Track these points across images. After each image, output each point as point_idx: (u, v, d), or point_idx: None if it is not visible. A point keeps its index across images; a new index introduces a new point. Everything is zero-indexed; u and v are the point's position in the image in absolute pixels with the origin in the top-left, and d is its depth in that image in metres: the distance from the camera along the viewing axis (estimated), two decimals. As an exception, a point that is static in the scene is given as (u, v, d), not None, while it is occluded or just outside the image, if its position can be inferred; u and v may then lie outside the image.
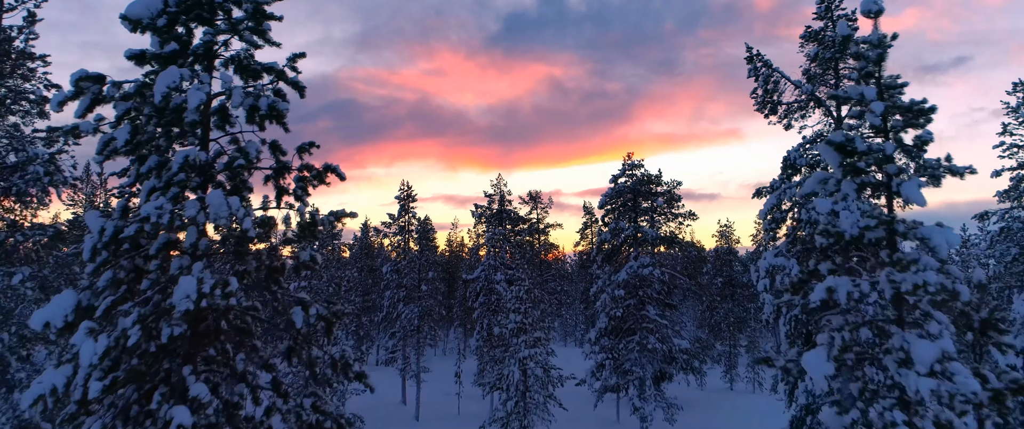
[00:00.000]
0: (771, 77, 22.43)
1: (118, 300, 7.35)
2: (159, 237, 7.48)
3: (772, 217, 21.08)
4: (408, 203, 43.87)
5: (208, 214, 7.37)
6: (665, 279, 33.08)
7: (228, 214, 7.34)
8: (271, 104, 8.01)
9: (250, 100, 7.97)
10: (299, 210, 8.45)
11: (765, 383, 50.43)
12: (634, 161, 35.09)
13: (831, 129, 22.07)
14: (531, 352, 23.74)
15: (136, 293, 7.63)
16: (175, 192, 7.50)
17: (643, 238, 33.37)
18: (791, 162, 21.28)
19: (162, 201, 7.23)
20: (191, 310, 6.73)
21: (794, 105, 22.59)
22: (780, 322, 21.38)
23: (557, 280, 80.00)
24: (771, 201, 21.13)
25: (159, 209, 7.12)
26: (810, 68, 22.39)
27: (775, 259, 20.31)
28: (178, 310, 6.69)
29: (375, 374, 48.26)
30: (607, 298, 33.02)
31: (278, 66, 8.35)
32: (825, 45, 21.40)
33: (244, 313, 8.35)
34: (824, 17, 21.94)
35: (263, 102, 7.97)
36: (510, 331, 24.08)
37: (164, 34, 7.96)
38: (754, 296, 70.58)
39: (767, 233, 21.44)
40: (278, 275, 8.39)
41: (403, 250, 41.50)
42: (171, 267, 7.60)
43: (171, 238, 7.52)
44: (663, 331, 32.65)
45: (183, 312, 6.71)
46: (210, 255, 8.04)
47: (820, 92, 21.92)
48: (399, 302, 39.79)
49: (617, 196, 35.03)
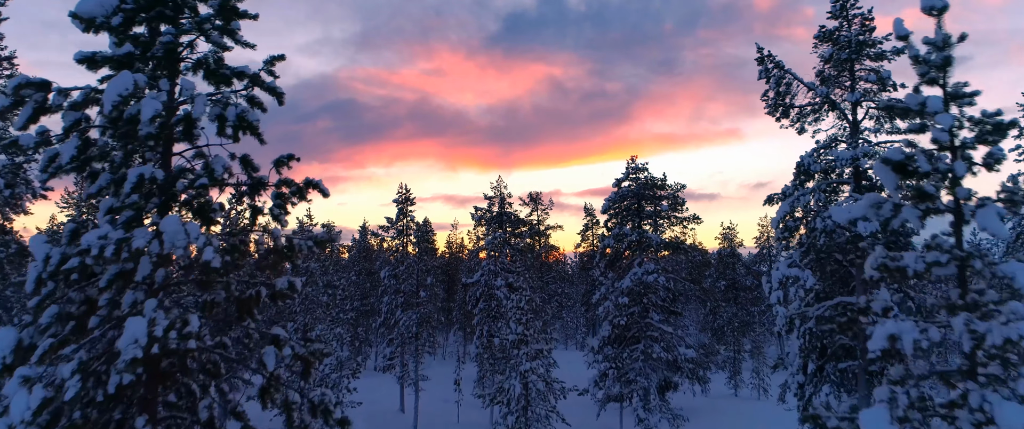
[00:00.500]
0: (783, 79, 21.49)
1: (64, 339, 6.44)
2: (108, 269, 6.55)
3: (785, 225, 20.12)
4: (406, 206, 42.92)
5: (163, 243, 6.43)
6: (670, 286, 32.14)
7: (185, 242, 6.39)
8: (240, 114, 7.07)
9: (216, 109, 7.02)
10: (274, 234, 7.49)
11: (771, 390, 49.49)
12: (638, 164, 34.15)
13: (846, 133, 21.14)
14: (532, 365, 22.80)
15: (86, 331, 6.71)
16: (129, 216, 6.57)
17: (647, 243, 32.44)
18: (805, 168, 20.32)
19: (108, 229, 6.30)
20: (140, 358, 5.80)
21: (807, 108, 21.66)
22: (793, 334, 20.44)
23: (558, 282, 79.09)
24: (784, 208, 20.17)
25: (103, 239, 6.18)
26: (824, 69, 21.45)
27: (789, 270, 19.37)
28: (124, 359, 5.75)
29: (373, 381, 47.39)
30: (611, 305, 32.08)
31: (250, 70, 7.41)
32: (841, 45, 20.45)
33: (211, 351, 7.42)
34: (839, 16, 20.98)
35: (231, 111, 7.03)
36: (511, 343, 23.13)
37: (120, 34, 7.03)
38: (757, 299, 69.64)
39: (779, 242, 20.49)
40: (250, 307, 7.46)
41: (401, 255, 40.55)
42: (123, 302, 6.69)
43: (125, 268, 6.60)
44: (668, 340, 31.72)
45: (130, 360, 5.76)
46: (170, 287, 7.12)
47: (835, 94, 20.98)
48: (397, 308, 38.85)
49: (620, 200, 34.09)
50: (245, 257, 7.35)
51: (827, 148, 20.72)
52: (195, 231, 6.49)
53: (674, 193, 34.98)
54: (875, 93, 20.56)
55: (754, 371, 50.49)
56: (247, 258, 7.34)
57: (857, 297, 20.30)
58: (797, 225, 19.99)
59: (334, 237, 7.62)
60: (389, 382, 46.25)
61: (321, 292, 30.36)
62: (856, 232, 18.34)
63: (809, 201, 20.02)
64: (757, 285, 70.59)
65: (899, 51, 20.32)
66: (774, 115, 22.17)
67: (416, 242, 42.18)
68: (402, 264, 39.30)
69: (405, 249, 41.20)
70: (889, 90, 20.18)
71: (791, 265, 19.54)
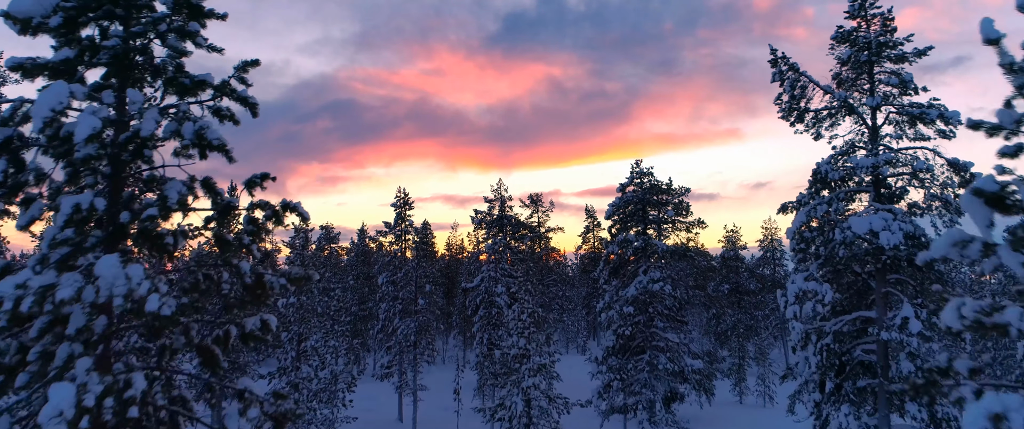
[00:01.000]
0: (798, 82, 20.49)
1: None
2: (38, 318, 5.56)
3: (801, 236, 19.13)
4: (404, 210, 41.91)
5: (98, 289, 5.42)
6: (677, 294, 31.14)
7: (126, 288, 5.39)
8: (198, 130, 6.07)
9: (172, 124, 6.02)
10: (240, 270, 6.49)
11: (776, 397, 48.49)
12: (642, 168, 33.14)
13: (864, 139, 20.15)
14: (535, 380, 21.79)
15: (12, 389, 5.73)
16: (64, 253, 5.58)
17: (653, 250, 31.44)
18: (822, 176, 19.32)
19: (28, 275, 5.31)
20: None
21: (823, 112, 20.66)
22: (809, 350, 19.45)
23: (559, 285, 78.08)
24: (800, 218, 19.17)
25: (21, 288, 5.17)
26: (841, 72, 20.45)
27: (806, 284, 18.39)
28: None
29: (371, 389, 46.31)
30: (615, 315, 31.09)
31: (213, 79, 6.39)
32: (859, 47, 19.45)
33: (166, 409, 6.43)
34: (857, 16, 19.98)
35: (188, 128, 6.04)
36: (512, 357, 22.11)
37: (62, 37, 6.05)
38: (761, 303, 68.65)
39: (795, 254, 19.49)
40: (213, 357, 6.46)
41: (399, 261, 39.52)
42: (58, 355, 5.69)
43: (60, 314, 5.62)
44: (674, 350, 30.73)
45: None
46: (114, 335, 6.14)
47: (852, 98, 19.98)
48: (395, 316, 37.84)
49: (624, 205, 33.10)
50: (209, 296, 6.37)
51: (845, 155, 19.74)
52: (138, 274, 5.47)
53: (679, 198, 33.98)
54: (895, 97, 19.57)
55: (759, 378, 49.45)
56: (212, 297, 6.36)
57: (876, 311, 19.35)
58: (814, 236, 18.99)
59: (310, 275, 6.64)
60: (387, 390, 45.24)
61: (317, 301, 29.32)
62: (878, 244, 17.36)
63: (826, 210, 19.03)
64: (761, 289, 69.59)
65: (920, 52, 19.33)
66: (788, 120, 21.17)
67: (414, 247, 41.16)
68: (400, 271, 38.29)
69: (403, 255, 40.18)
70: (910, 94, 19.19)
71: (808, 279, 18.55)
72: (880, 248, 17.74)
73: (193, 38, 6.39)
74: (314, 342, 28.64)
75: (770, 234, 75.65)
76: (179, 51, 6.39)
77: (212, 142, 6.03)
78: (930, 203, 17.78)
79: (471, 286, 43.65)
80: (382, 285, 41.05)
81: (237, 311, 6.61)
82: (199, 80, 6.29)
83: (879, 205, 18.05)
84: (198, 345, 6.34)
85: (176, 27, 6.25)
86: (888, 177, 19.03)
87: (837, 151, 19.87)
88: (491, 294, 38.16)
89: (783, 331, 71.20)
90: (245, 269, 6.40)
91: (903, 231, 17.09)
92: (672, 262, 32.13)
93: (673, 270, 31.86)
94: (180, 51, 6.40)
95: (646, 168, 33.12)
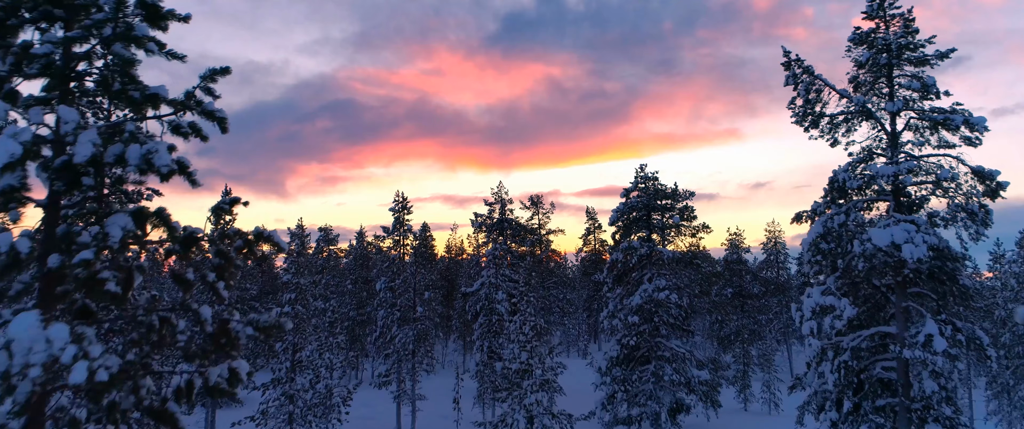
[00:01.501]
0: (813, 85, 19.58)
1: None
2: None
3: (817, 248, 18.22)
4: (403, 214, 41.00)
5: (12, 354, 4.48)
6: (682, 303, 30.23)
7: (46, 355, 4.45)
8: (145, 154, 5.15)
9: (115, 148, 5.08)
10: (200, 316, 5.56)
11: (782, 404, 47.60)
12: (647, 173, 32.22)
13: (882, 145, 19.25)
14: (538, 396, 20.89)
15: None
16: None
17: (658, 257, 30.54)
18: (839, 184, 18.41)
19: None
20: None
21: (839, 117, 19.75)
22: (826, 367, 18.55)
23: (560, 288, 77.18)
24: (817, 229, 18.27)
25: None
26: (858, 75, 19.54)
27: (823, 298, 17.47)
28: None
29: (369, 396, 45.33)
30: (619, 324, 30.19)
31: (165, 93, 5.45)
32: (878, 49, 18.53)
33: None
34: (875, 16, 19.07)
35: (133, 152, 5.11)
36: (514, 371, 21.20)
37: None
38: (765, 308, 67.74)
39: (811, 266, 18.59)
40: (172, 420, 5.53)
41: (397, 267, 38.60)
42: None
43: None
44: (680, 360, 29.83)
45: None
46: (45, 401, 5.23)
47: (871, 103, 19.08)
48: (393, 324, 36.92)
49: (629, 211, 32.20)
50: (160, 349, 5.46)
51: (863, 162, 18.83)
52: (62, 336, 4.53)
53: (684, 202, 33.09)
54: (915, 101, 18.66)
55: (765, 385, 48.50)
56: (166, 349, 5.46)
57: (896, 326, 18.46)
58: (831, 248, 18.09)
59: (282, 323, 5.74)
60: (385, 398, 44.33)
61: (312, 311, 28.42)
62: (900, 258, 16.46)
63: (844, 220, 18.12)
64: (764, 293, 68.70)
65: (943, 55, 18.41)
66: (802, 125, 20.26)
67: (413, 252, 40.22)
68: (398, 277, 37.37)
69: (402, 260, 39.26)
70: (932, 98, 18.29)
71: (825, 292, 17.63)
72: (901, 261, 16.85)
73: (142, 44, 5.45)
74: (309, 353, 27.73)
75: (774, 237, 74.80)
76: (126, 60, 5.45)
77: (160, 169, 5.08)
78: (955, 214, 16.86)
79: (471, 291, 42.74)
80: (380, 291, 40.14)
81: (200, 362, 5.71)
82: (151, 94, 5.37)
83: (900, 215, 17.15)
84: (150, 409, 5.41)
85: (122, 32, 5.31)
86: (908, 186, 18.12)
87: (854, 158, 18.95)
88: (492, 301, 37.26)
89: (786, 335, 70.37)
90: (206, 315, 5.47)
91: (927, 243, 16.20)
92: (678, 270, 31.23)
93: (679, 278, 30.96)
94: (127, 60, 5.46)
95: (651, 172, 32.22)
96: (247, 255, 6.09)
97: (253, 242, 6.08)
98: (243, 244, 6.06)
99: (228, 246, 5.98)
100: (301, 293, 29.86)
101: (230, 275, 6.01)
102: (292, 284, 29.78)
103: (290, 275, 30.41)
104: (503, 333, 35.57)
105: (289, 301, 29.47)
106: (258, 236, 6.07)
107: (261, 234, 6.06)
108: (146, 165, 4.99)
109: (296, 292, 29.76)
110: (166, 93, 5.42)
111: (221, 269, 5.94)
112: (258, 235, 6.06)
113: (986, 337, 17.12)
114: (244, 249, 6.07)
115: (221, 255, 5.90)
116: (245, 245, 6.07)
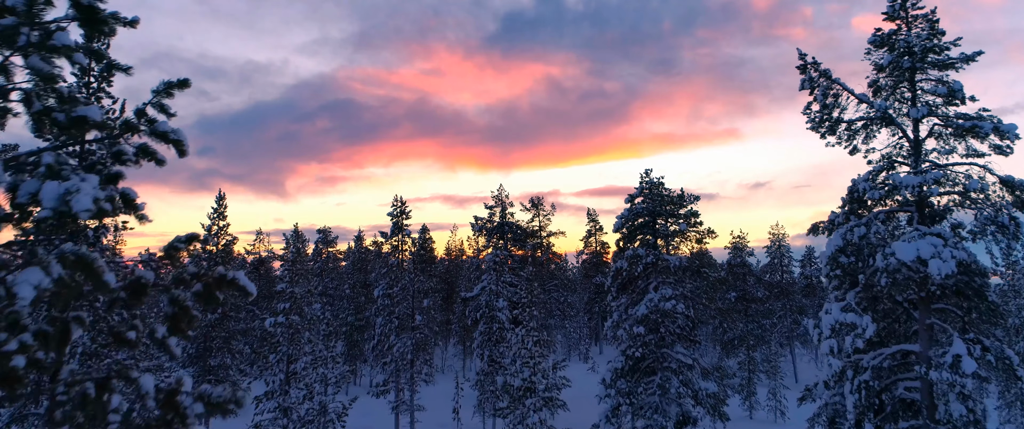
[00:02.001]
0: (830, 90, 18.63)
1: None
2: None
3: (837, 262, 17.26)
4: (401, 220, 40.05)
5: None
6: (690, 313, 29.27)
7: None
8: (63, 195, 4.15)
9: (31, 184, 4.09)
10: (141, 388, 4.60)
11: (788, 412, 46.68)
12: (652, 179, 31.26)
13: (903, 153, 18.29)
14: (542, 415, 19.94)
15: None
16: None
17: (664, 266, 29.57)
18: (859, 194, 17.47)
19: None
20: None
21: (858, 124, 18.80)
22: (846, 387, 17.60)
23: (560, 290, 76.26)
24: (836, 241, 17.32)
25: None
26: (879, 78, 18.59)
27: (843, 315, 16.53)
28: None
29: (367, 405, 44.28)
30: (624, 334, 29.21)
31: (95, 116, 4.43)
32: (901, 52, 17.57)
33: None
34: (896, 17, 18.12)
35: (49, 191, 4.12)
36: (516, 388, 20.26)
37: None
38: (769, 312, 66.81)
39: (830, 280, 17.63)
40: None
41: (396, 273, 37.63)
42: None
43: None
44: (687, 372, 28.87)
45: None
46: None
47: (892, 109, 18.12)
48: (391, 333, 35.96)
49: (634, 218, 31.23)
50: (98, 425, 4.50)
51: (884, 171, 17.86)
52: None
53: (690, 208, 32.11)
54: (939, 107, 17.71)
55: (771, 392, 47.57)
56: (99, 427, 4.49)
57: (919, 345, 17.52)
58: (851, 262, 17.13)
59: (240, 399, 4.80)
60: (383, 407, 43.41)
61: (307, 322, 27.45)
62: (925, 273, 15.52)
63: (864, 233, 17.17)
64: (768, 297, 67.75)
65: (968, 58, 17.44)
66: (818, 131, 19.33)
67: (412, 258, 39.25)
68: (397, 284, 36.41)
69: (400, 266, 38.28)
70: (957, 104, 17.33)
71: (846, 309, 16.69)
72: (927, 277, 15.90)
73: (68, 55, 4.46)
74: (302, 365, 26.78)
75: (778, 238, 73.86)
76: (45, 76, 4.45)
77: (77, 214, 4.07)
78: (984, 227, 15.91)
79: (471, 296, 41.79)
80: (378, 298, 39.19)
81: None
82: (77, 117, 4.39)
83: (924, 228, 16.19)
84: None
85: (37, 40, 4.31)
86: (932, 197, 17.17)
87: (875, 167, 17.98)
88: (492, 309, 36.32)
89: (790, 339, 69.40)
90: (147, 387, 4.51)
91: (956, 259, 15.26)
92: (684, 278, 30.27)
93: (686, 287, 30.00)
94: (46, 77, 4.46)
95: (656, 178, 31.26)
96: (207, 302, 5.14)
97: (212, 286, 5.14)
98: (202, 290, 5.12)
99: (184, 293, 5.03)
100: (296, 302, 28.90)
101: (186, 327, 5.05)
102: (287, 293, 28.81)
103: (285, 283, 29.45)
104: (504, 342, 34.61)
105: (284, 311, 28.52)
106: (220, 280, 5.12)
107: (223, 278, 5.11)
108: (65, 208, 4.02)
109: (291, 301, 28.79)
110: (98, 115, 4.43)
111: (175, 320, 4.99)
112: (220, 279, 5.11)
113: (1016, 357, 16.19)
114: (204, 295, 5.13)
115: (175, 304, 4.96)
116: (205, 291, 5.12)
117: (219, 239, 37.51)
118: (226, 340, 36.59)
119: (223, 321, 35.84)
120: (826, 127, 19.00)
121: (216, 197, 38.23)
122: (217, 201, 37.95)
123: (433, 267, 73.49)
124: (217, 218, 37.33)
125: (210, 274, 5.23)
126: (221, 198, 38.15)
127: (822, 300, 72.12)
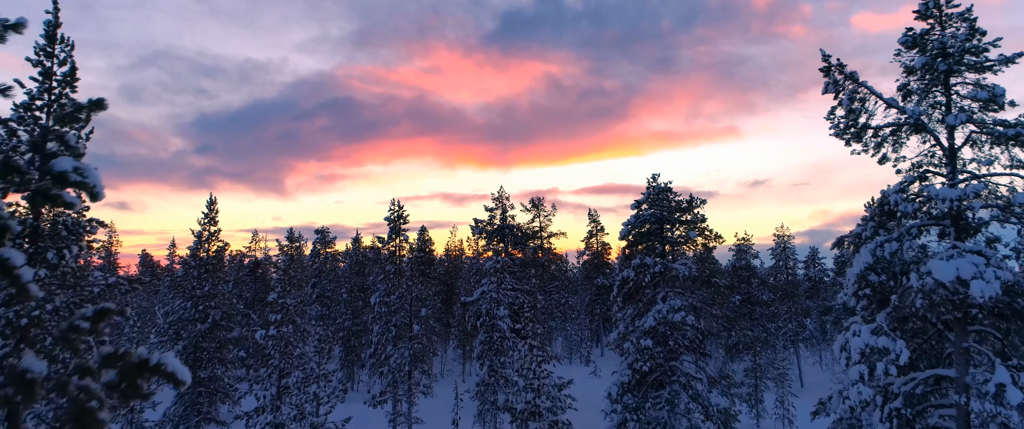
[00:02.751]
0: (857, 94, 17.33)
1: None
2: None
3: (865, 280, 15.99)
4: (399, 224, 38.78)
5: None
6: (700, 325, 28.02)
7: None
8: None
9: None
10: None
11: (797, 420, 45.44)
12: (660, 185, 29.99)
13: (936, 162, 17.02)
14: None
15: None
16: None
17: (672, 274, 28.31)
18: (889, 207, 16.18)
19: None
20: None
21: (886, 130, 17.51)
22: (876, 415, 16.36)
23: (561, 292, 75.05)
24: (864, 258, 16.03)
25: None
26: (909, 82, 17.30)
27: (874, 338, 15.26)
28: None
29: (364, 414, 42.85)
30: (631, 347, 27.96)
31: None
32: (935, 53, 16.28)
33: None
34: (928, 16, 16.82)
35: None
36: (520, 411, 18.99)
37: None
38: (775, 315, 65.63)
39: (858, 300, 16.35)
40: None
41: (393, 280, 36.35)
42: None
43: None
44: (696, 387, 27.63)
45: None
46: None
47: (925, 114, 16.84)
48: (388, 342, 34.70)
49: (640, 225, 29.97)
50: None
51: (917, 181, 16.57)
52: None
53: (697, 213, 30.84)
54: (975, 112, 16.43)
55: (778, 400, 46.32)
56: None
57: (955, 370, 16.27)
58: (882, 281, 15.86)
59: None
60: (380, 417, 42.17)
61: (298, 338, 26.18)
62: (965, 294, 14.27)
63: (896, 249, 15.89)
64: (774, 300, 66.51)
65: (1008, 60, 16.13)
66: (843, 138, 18.04)
67: (410, 263, 37.97)
68: (394, 293, 35.12)
69: (398, 273, 37.01)
70: (995, 110, 16.06)
71: (876, 332, 15.42)
72: (966, 298, 14.63)
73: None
74: (294, 380, 25.52)
75: (783, 240, 72.66)
76: None
77: None
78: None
79: (471, 300, 40.50)
80: (375, 305, 37.94)
81: None
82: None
83: (963, 245, 14.91)
84: None
85: None
86: (967, 210, 15.88)
87: (906, 177, 16.70)
88: (493, 317, 35.04)
89: (795, 342, 68.16)
90: None
91: (1000, 280, 13.98)
92: (693, 288, 29.02)
93: (695, 297, 28.75)
94: None
95: (663, 183, 29.99)
96: (126, 394, 3.89)
97: (135, 374, 3.90)
98: (118, 379, 3.87)
99: (90, 386, 3.78)
100: (288, 313, 27.63)
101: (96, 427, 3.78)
102: (279, 304, 27.54)
103: (276, 294, 28.17)
104: (505, 353, 33.36)
105: (276, 322, 27.26)
106: (141, 366, 3.87)
107: (145, 363, 3.86)
108: None
109: (283, 313, 27.53)
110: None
111: (80, 422, 3.74)
112: (141, 365, 3.87)
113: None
114: (120, 386, 3.88)
115: (75, 405, 3.72)
116: (122, 380, 3.88)
117: (210, 245, 36.21)
118: (217, 350, 35.33)
119: (214, 330, 34.56)
120: (851, 134, 17.72)
121: (207, 201, 36.93)
122: (208, 205, 36.63)
123: (432, 268, 72.23)
124: (208, 223, 36.04)
125: (126, 358, 3.95)
126: (212, 202, 36.83)
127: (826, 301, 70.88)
